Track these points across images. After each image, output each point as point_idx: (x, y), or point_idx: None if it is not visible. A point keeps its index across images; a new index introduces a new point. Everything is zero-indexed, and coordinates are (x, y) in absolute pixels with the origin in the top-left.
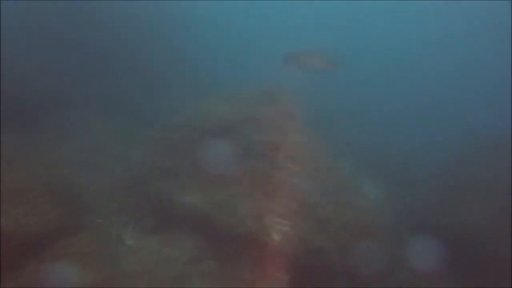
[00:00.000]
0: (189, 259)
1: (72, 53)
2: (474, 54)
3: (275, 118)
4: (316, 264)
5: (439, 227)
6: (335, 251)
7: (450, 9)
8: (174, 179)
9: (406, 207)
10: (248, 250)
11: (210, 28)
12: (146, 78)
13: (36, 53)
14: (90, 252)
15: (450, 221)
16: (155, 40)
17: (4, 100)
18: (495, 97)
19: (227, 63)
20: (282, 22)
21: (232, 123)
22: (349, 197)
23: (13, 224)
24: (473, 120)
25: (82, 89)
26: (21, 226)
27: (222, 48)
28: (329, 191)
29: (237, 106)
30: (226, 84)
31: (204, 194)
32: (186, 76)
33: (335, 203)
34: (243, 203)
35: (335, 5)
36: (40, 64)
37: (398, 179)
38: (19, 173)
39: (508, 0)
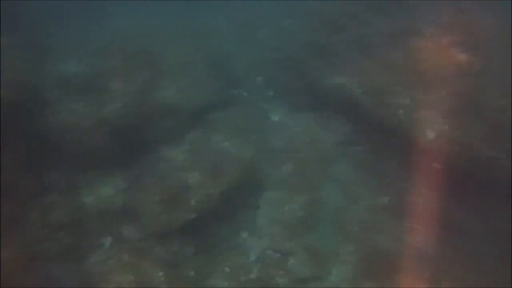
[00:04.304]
0: (335, 142)
1: None
2: None
3: None
4: (468, 172)
5: None
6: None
7: None
8: (329, 57)
9: None
10: (396, 143)
11: None
12: None
13: None
14: (238, 126)
15: None
16: None
17: None
18: None
19: None
20: None
21: None
22: None
23: (180, 96)
24: None
25: None
26: (187, 97)
27: None
28: None
29: None
30: None
31: (359, 77)
32: None
33: None
34: (399, 92)
35: None
36: None
37: None
38: (181, 46)
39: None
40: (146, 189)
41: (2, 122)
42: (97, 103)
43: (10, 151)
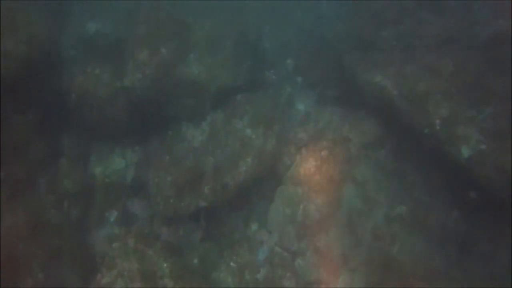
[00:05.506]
0: (362, 143)
1: None
2: None
3: None
4: (500, 197)
5: None
6: None
7: None
8: (369, 52)
9: None
10: (427, 155)
11: None
12: None
13: None
14: (262, 113)
15: None
16: None
17: None
18: None
19: None
20: None
21: None
22: None
23: (205, 73)
24: None
25: None
26: (213, 75)
27: None
28: None
29: None
30: None
31: (398, 79)
32: None
33: None
34: (439, 101)
35: None
36: None
37: None
38: (213, 21)
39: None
40: (159, 167)
41: (17, 81)
42: (118, 70)
43: (23, 112)
